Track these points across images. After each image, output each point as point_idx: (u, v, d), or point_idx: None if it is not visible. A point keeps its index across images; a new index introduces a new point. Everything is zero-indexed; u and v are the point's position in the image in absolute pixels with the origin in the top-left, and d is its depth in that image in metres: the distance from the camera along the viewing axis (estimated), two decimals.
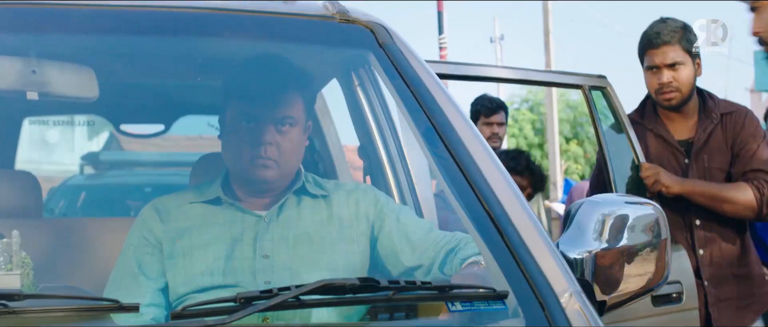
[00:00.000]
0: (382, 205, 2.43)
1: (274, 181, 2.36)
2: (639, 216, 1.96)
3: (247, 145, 2.34)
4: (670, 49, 3.83)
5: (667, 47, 3.83)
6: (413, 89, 2.14)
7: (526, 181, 5.31)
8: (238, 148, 2.36)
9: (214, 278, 2.24)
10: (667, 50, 3.83)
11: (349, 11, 2.38)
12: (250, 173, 2.35)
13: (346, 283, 1.63)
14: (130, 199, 6.55)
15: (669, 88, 3.83)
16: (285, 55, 2.44)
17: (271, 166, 2.34)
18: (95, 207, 6.70)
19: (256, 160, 2.33)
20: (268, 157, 2.33)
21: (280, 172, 2.36)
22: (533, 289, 1.72)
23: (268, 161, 2.34)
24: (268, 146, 2.33)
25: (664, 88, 3.84)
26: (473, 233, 1.87)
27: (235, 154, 2.38)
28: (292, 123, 2.36)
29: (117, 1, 2.30)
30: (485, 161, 1.96)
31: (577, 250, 1.89)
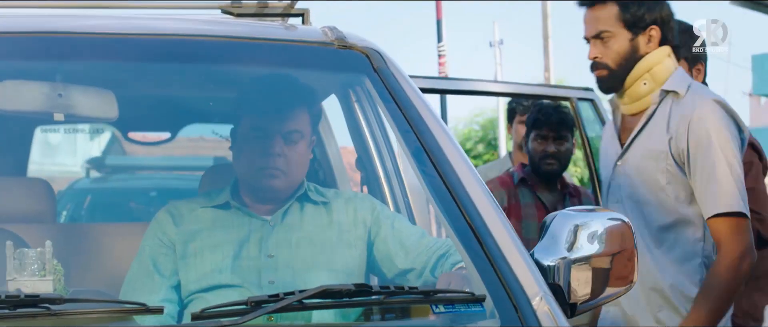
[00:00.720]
0: (378, 212, 2.66)
1: (281, 189, 2.59)
2: (609, 226, 2.13)
3: (258, 156, 2.57)
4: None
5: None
6: (404, 111, 2.35)
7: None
8: (250, 159, 2.59)
9: (223, 276, 2.46)
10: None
11: (347, 37, 2.58)
12: (260, 182, 2.58)
13: (343, 289, 1.85)
14: (136, 202, 6.75)
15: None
16: (292, 76, 2.67)
17: (280, 175, 2.57)
18: (102, 210, 6.88)
19: (267, 170, 2.56)
20: (277, 167, 2.56)
21: (287, 182, 2.59)
22: (508, 293, 1.94)
23: (277, 171, 2.57)
24: (277, 157, 2.55)
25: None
26: (456, 243, 2.09)
27: (247, 163, 2.61)
28: (299, 137, 2.59)
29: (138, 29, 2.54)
30: (468, 178, 2.17)
31: (551, 257, 2.07)
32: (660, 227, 3.20)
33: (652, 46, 3.25)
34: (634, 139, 3.25)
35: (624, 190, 3.26)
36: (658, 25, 3.25)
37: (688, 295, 3.17)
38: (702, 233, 3.19)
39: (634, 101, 3.28)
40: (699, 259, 3.19)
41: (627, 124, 3.34)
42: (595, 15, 3.26)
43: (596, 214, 2.20)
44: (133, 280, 2.52)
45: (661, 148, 3.17)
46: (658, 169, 3.17)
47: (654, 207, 3.19)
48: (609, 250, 2.11)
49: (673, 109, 3.20)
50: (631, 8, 3.22)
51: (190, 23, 2.74)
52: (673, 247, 3.20)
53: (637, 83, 3.25)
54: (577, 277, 2.07)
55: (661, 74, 3.24)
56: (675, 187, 3.17)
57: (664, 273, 3.19)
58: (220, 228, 2.57)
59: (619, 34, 3.23)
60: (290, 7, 2.97)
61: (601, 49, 3.25)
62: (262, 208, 2.60)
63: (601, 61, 3.25)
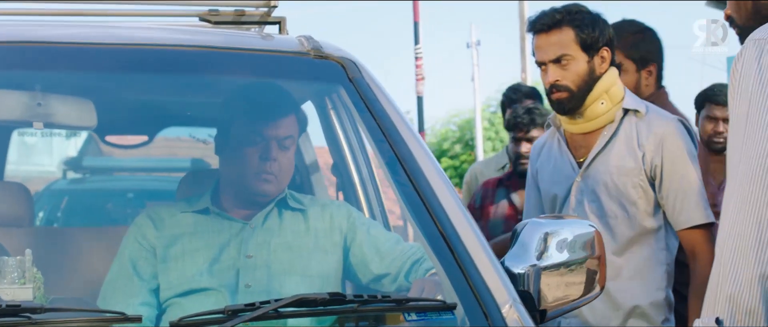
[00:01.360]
0: (354, 219, 2.71)
1: (271, 194, 2.63)
2: (578, 234, 2.19)
3: (254, 161, 2.61)
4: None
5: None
6: (378, 121, 2.40)
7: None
8: (243, 163, 2.62)
9: (201, 280, 2.49)
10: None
11: (323, 47, 2.61)
12: (253, 186, 2.62)
13: (318, 298, 1.91)
14: (113, 203, 6.74)
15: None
16: (279, 84, 2.72)
17: (272, 180, 2.62)
18: (80, 211, 6.87)
19: (261, 175, 2.61)
20: (271, 172, 2.61)
21: (278, 187, 2.64)
22: (479, 300, 1.99)
23: (270, 176, 2.61)
24: (272, 162, 2.60)
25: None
26: (428, 251, 2.14)
27: (239, 168, 2.65)
28: (291, 143, 2.65)
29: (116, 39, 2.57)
30: (441, 188, 2.22)
31: (521, 265, 2.12)
32: (627, 239, 3.30)
33: (604, 66, 3.33)
34: (596, 156, 3.33)
35: (587, 205, 3.33)
36: (608, 46, 3.34)
37: (655, 301, 3.28)
38: (665, 243, 3.33)
39: (590, 120, 3.35)
40: (663, 267, 3.32)
41: (578, 141, 3.41)
42: (552, 40, 3.32)
43: (566, 222, 2.26)
44: (112, 283, 2.55)
45: (633, 164, 3.27)
46: (631, 184, 3.27)
47: (621, 220, 3.29)
48: (578, 258, 2.16)
49: (639, 126, 3.31)
50: (586, 31, 3.30)
51: (168, 32, 2.78)
52: (639, 257, 3.31)
53: (595, 103, 3.32)
54: (547, 284, 2.12)
55: (618, 94, 3.34)
56: (645, 201, 3.28)
57: (631, 282, 3.29)
58: (200, 233, 2.60)
59: (578, 57, 3.30)
60: (267, 15, 3.00)
61: (561, 73, 3.30)
62: (241, 213, 2.64)
63: (561, 84, 3.30)
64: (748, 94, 1.96)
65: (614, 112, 3.33)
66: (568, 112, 3.36)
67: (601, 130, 3.34)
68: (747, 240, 1.89)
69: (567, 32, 3.30)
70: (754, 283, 1.88)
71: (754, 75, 1.96)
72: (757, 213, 1.89)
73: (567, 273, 2.15)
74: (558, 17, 3.31)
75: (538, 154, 3.56)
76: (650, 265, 3.30)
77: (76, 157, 9.26)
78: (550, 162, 3.48)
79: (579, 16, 3.31)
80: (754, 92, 1.95)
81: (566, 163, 3.41)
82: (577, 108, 3.33)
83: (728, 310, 1.92)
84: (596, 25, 3.31)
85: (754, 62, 1.97)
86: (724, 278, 1.92)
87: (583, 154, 3.38)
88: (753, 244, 1.88)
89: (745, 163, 1.93)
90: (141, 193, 6.77)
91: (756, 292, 1.88)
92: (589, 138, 3.37)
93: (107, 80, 2.71)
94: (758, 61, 1.97)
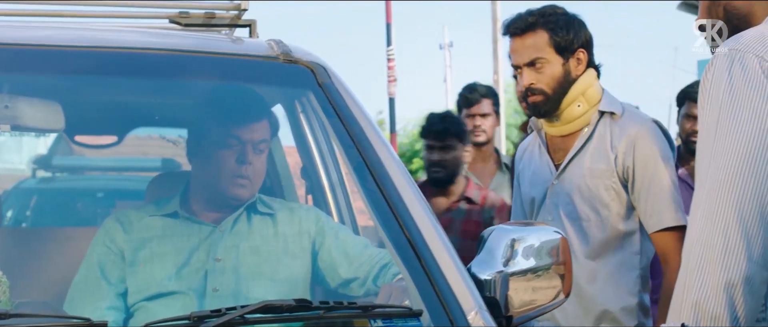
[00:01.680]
0: (322, 223, 2.71)
1: (245, 198, 2.65)
2: (544, 241, 2.20)
3: (229, 164, 2.62)
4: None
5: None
6: (347, 126, 2.40)
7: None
8: (218, 166, 2.64)
9: (170, 284, 2.50)
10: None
11: (292, 51, 2.61)
12: (227, 190, 2.64)
13: (284, 304, 1.91)
14: (83, 203, 6.72)
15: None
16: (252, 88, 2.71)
17: (247, 185, 2.64)
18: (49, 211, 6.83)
19: (237, 178, 2.62)
20: (247, 176, 2.62)
21: (252, 191, 2.66)
22: (444, 307, 2.00)
23: (245, 181, 2.63)
24: (248, 166, 2.62)
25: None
26: (395, 257, 2.14)
27: (214, 171, 2.66)
28: (265, 146, 2.67)
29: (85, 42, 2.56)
30: (408, 194, 2.23)
31: (487, 271, 2.13)
32: (600, 243, 3.29)
33: (581, 68, 3.33)
34: (572, 159, 3.34)
35: (562, 208, 3.34)
36: (584, 47, 3.34)
37: (627, 306, 3.28)
38: (639, 247, 3.32)
39: (567, 123, 3.36)
40: (637, 271, 3.31)
41: (556, 144, 3.41)
42: (526, 43, 3.32)
43: (533, 229, 2.27)
44: (79, 287, 2.55)
45: (606, 166, 3.27)
46: (603, 187, 3.27)
47: (594, 223, 3.29)
48: (545, 264, 2.18)
49: (613, 129, 3.30)
50: (560, 33, 3.30)
51: (137, 35, 2.77)
52: (612, 261, 3.30)
53: (571, 106, 3.33)
54: (513, 291, 2.13)
55: (594, 96, 3.34)
56: (618, 204, 3.28)
57: (603, 286, 3.29)
58: (169, 236, 2.61)
59: (553, 60, 3.30)
60: (237, 18, 2.99)
61: (536, 76, 3.30)
62: (211, 216, 2.65)
63: (536, 87, 3.31)
64: (718, 104, 1.98)
65: (591, 115, 3.33)
66: (544, 115, 3.36)
67: (579, 132, 3.35)
68: (713, 248, 1.91)
69: (541, 35, 3.31)
70: (720, 290, 1.90)
71: (724, 84, 1.98)
72: (724, 221, 1.91)
73: (533, 279, 2.16)
74: (531, 20, 3.31)
75: (521, 157, 3.58)
76: (623, 269, 3.29)
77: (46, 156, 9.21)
78: (530, 165, 3.49)
79: (553, 19, 3.31)
80: (724, 102, 1.97)
81: (545, 166, 3.42)
82: (553, 111, 3.33)
83: (693, 315, 1.94)
84: (571, 27, 3.32)
85: (724, 72, 1.99)
86: (690, 285, 1.94)
87: (561, 157, 3.38)
88: (719, 252, 1.90)
89: (713, 171, 1.95)
90: (111, 193, 6.75)
91: (721, 298, 1.90)
92: (568, 141, 3.38)
93: (76, 83, 2.70)
94: (729, 70, 1.99)
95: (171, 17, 2.98)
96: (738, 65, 1.98)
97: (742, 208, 1.91)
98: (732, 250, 1.89)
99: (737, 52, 2.00)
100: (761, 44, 1.99)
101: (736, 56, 1.99)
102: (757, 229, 1.90)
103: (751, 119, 1.93)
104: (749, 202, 1.91)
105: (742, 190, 1.91)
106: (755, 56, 1.97)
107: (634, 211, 3.29)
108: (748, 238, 1.89)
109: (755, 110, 1.94)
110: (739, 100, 1.95)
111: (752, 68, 1.96)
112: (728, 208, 1.91)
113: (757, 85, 1.95)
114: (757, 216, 1.91)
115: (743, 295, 1.89)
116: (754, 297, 1.91)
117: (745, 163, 1.92)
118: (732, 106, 1.96)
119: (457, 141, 4.78)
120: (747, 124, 1.93)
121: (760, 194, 1.91)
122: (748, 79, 1.96)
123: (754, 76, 1.96)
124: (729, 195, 1.92)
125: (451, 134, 4.75)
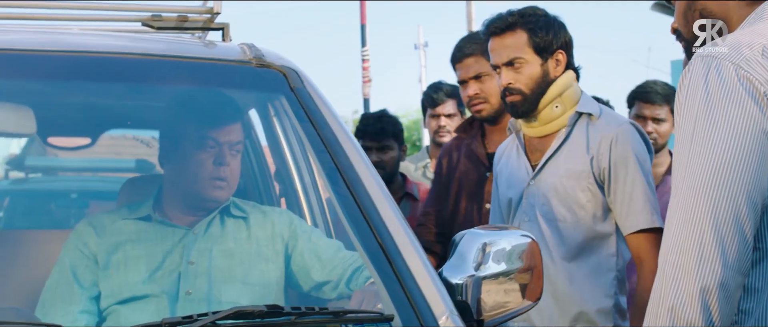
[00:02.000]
0: (295, 226, 2.72)
1: (222, 200, 2.65)
2: (515, 244, 2.21)
3: (206, 166, 2.62)
4: (473, 61, 3.81)
5: (469, 60, 3.82)
6: (319, 131, 2.40)
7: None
8: (196, 169, 2.64)
9: (143, 287, 2.49)
10: (470, 63, 3.81)
11: (265, 55, 2.61)
12: (205, 192, 2.64)
13: (256, 310, 1.91)
14: (57, 204, 6.68)
15: (477, 99, 3.79)
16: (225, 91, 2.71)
17: (225, 187, 2.64)
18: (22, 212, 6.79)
19: (215, 180, 2.62)
20: (224, 178, 2.63)
21: (229, 193, 2.66)
22: (416, 311, 2.01)
23: (223, 182, 2.63)
24: (225, 167, 2.62)
25: (472, 100, 3.80)
26: (366, 262, 2.15)
27: (190, 174, 2.66)
28: (241, 148, 2.67)
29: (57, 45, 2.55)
30: (379, 198, 2.24)
31: (459, 275, 2.14)
32: (576, 244, 3.31)
33: (559, 69, 3.36)
34: (548, 160, 3.36)
35: (538, 209, 3.36)
36: (563, 49, 3.37)
37: (603, 308, 3.30)
38: (615, 249, 3.34)
39: (545, 124, 3.38)
40: (613, 273, 3.33)
41: (534, 145, 3.43)
42: (505, 42, 3.35)
43: (504, 233, 2.28)
44: (52, 291, 2.54)
45: (582, 167, 3.29)
46: (579, 188, 3.29)
47: (570, 224, 3.31)
48: (516, 268, 2.19)
49: (590, 130, 3.33)
50: (540, 34, 3.33)
51: (110, 39, 2.76)
52: (588, 262, 3.32)
53: (549, 106, 3.35)
54: (485, 294, 2.14)
55: (572, 97, 3.37)
56: (594, 205, 3.30)
57: (579, 288, 3.30)
58: (142, 240, 2.61)
59: (531, 60, 3.33)
60: (210, 21, 2.99)
61: (514, 76, 3.33)
62: (184, 220, 2.65)
63: (514, 87, 3.34)
64: (694, 112, 1.99)
65: (568, 116, 3.35)
66: (521, 116, 3.39)
67: (556, 133, 3.37)
68: (689, 255, 1.93)
69: (520, 35, 3.34)
70: (695, 296, 1.92)
71: (700, 93, 2.00)
72: (700, 229, 1.93)
73: (504, 283, 2.17)
74: (511, 20, 3.35)
75: (499, 158, 3.59)
76: (600, 271, 3.31)
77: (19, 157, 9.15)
78: (508, 166, 3.50)
79: (533, 19, 3.34)
80: (700, 111, 1.98)
81: (522, 167, 3.43)
82: (531, 111, 3.36)
83: (669, 321, 1.96)
84: (550, 28, 3.35)
85: (700, 79, 2.01)
86: (665, 291, 1.96)
87: (538, 158, 3.41)
88: (695, 259, 1.92)
89: (688, 179, 1.97)
90: (85, 194, 6.72)
91: (697, 304, 1.92)
92: (545, 142, 3.40)
93: (49, 88, 2.69)
94: (705, 78, 2.00)
95: (143, 20, 2.97)
96: (714, 73, 1.99)
97: (717, 215, 1.93)
98: (707, 257, 1.92)
99: (714, 59, 2.01)
100: (737, 51, 2.01)
101: (712, 63, 2.01)
102: (731, 236, 1.92)
103: (727, 127, 1.95)
104: (724, 210, 1.93)
105: (718, 197, 1.93)
106: (731, 64, 1.99)
107: (610, 213, 3.32)
108: (722, 245, 1.92)
109: (731, 118, 1.95)
110: (715, 108, 1.97)
111: (728, 76, 1.98)
112: (703, 215, 1.93)
113: (733, 93, 1.96)
114: (732, 223, 1.93)
115: (718, 301, 1.92)
116: (728, 302, 1.93)
117: (720, 170, 1.94)
118: (708, 115, 1.97)
119: (394, 141, 4.76)
120: (723, 132, 1.95)
121: (735, 201, 1.93)
122: (724, 87, 1.97)
123: (730, 83, 1.97)
124: (704, 202, 1.94)
125: (387, 134, 4.73)
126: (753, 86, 1.96)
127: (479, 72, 3.77)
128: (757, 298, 2.00)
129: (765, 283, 2.00)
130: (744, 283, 1.97)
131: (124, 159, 7.45)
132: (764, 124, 1.94)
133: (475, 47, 3.78)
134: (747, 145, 1.94)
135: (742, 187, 1.93)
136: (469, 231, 2.26)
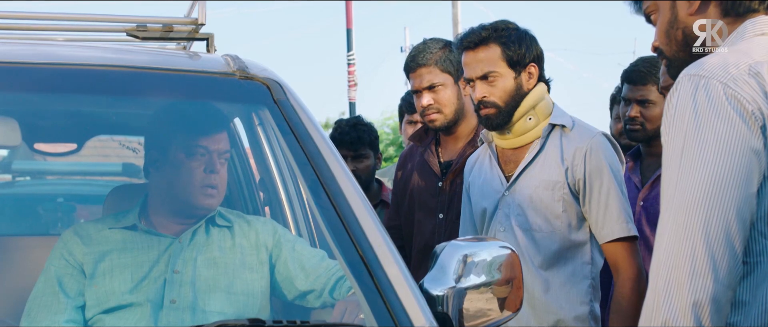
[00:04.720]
0: (279, 235, 2.74)
1: (212, 208, 2.68)
2: (495, 256, 2.24)
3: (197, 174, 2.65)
4: (426, 71, 3.78)
5: (422, 70, 3.79)
6: (302, 143, 2.42)
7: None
8: (186, 177, 2.66)
9: (128, 296, 2.52)
10: (423, 73, 3.79)
11: (249, 67, 2.63)
12: (195, 200, 2.66)
13: (238, 323, 1.93)
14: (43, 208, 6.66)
15: (430, 110, 3.77)
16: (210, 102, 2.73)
17: (215, 194, 2.67)
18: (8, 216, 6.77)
19: (206, 188, 2.65)
20: (214, 185, 2.65)
21: (218, 201, 2.69)
22: (396, 323, 2.02)
23: (213, 191, 2.66)
24: (216, 175, 2.65)
25: (425, 110, 3.78)
26: (347, 274, 2.18)
27: (179, 182, 2.68)
28: (228, 157, 2.71)
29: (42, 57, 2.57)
30: (361, 211, 2.26)
31: (439, 287, 2.16)
32: (552, 253, 3.36)
33: (532, 82, 3.42)
34: (523, 170, 3.40)
35: (514, 219, 3.40)
36: (535, 62, 3.42)
37: (579, 315, 3.35)
38: (590, 257, 3.39)
39: (519, 135, 3.43)
40: (588, 281, 3.38)
41: (507, 156, 3.48)
42: (479, 56, 3.40)
43: (484, 245, 2.30)
44: (37, 300, 2.56)
45: (557, 178, 3.35)
46: (554, 198, 3.34)
47: (546, 234, 3.36)
48: (496, 279, 2.21)
49: (563, 141, 3.38)
50: (513, 47, 3.37)
51: (95, 51, 2.78)
52: (564, 270, 3.37)
53: (523, 119, 3.40)
54: (466, 306, 2.17)
55: (545, 109, 3.43)
56: (569, 215, 3.35)
57: (556, 296, 3.35)
58: (128, 249, 2.62)
59: (505, 74, 3.38)
60: (195, 31, 3.00)
61: (489, 89, 3.38)
62: (170, 229, 2.67)
63: (489, 100, 3.38)
64: (683, 130, 2.03)
65: (542, 127, 3.40)
66: (496, 128, 3.43)
67: (530, 144, 3.42)
68: (681, 270, 1.96)
69: (494, 49, 3.38)
70: (688, 311, 1.95)
71: (689, 111, 2.03)
72: (691, 244, 1.97)
73: (485, 294, 2.20)
74: (484, 34, 3.39)
75: (470, 168, 3.62)
76: (575, 278, 3.36)
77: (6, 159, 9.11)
78: (480, 176, 3.54)
79: (505, 34, 3.39)
80: (689, 128, 2.02)
81: (495, 177, 3.47)
82: (505, 124, 3.40)
83: None
84: (523, 41, 3.39)
85: (689, 98, 2.04)
86: (658, 305, 1.99)
87: (512, 169, 3.45)
88: (687, 274, 1.96)
89: (679, 195, 2.00)
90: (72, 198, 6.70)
91: (689, 319, 1.95)
92: (519, 153, 3.45)
93: (35, 100, 2.70)
94: (693, 97, 2.03)
95: (129, 31, 2.99)
96: (702, 91, 2.02)
97: (709, 230, 1.96)
98: (699, 272, 1.95)
99: (701, 78, 2.04)
100: (724, 70, 2.04)
101: (700, 82, 2.04)
102: (723, 251, 1.96)
103: (717, 144, 1.99)
104: (716, 225, 1.97)
105: (709, 212, 1.97)
106: (719, 82, 2.02)
107: (585, 222, 3.37)
108: (714, 260, 1.95)
109: (720, 136, 1.99)
110: (704, 126, 2.01)
111: (716, 95, 2.01)
112: (695, 231, 1.97)
113: (721, 111, 2.00)
114: (723, 238, 1.96)
115: (710, 315, 1.95)
116: (719, 316, 1.97)
117: (711, 186, 1.97)
118: (697, 133, 2.01)
119: (370, 149, 4.75)
120: (713, 149, 1.99)
121: (726, 216, 1.96)
122: (712, 106, 2.01)
123: (718, 102, 2.01)
124: (695, 218, 1.97)
125: (364, 143, 4.73)
126: (741, 105, 2.00)
127: (433, 82, 3.77)
128: (745, 312, 2.04)
129: (753, 297, 2.03)
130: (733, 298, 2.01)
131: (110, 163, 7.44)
132: (752, 142, 1.98)
133: (429, 57, 3.78)
134: (736, 161, 1.98)
135: (733, 203, 1.97)
136: (450, 242, 2.28)
